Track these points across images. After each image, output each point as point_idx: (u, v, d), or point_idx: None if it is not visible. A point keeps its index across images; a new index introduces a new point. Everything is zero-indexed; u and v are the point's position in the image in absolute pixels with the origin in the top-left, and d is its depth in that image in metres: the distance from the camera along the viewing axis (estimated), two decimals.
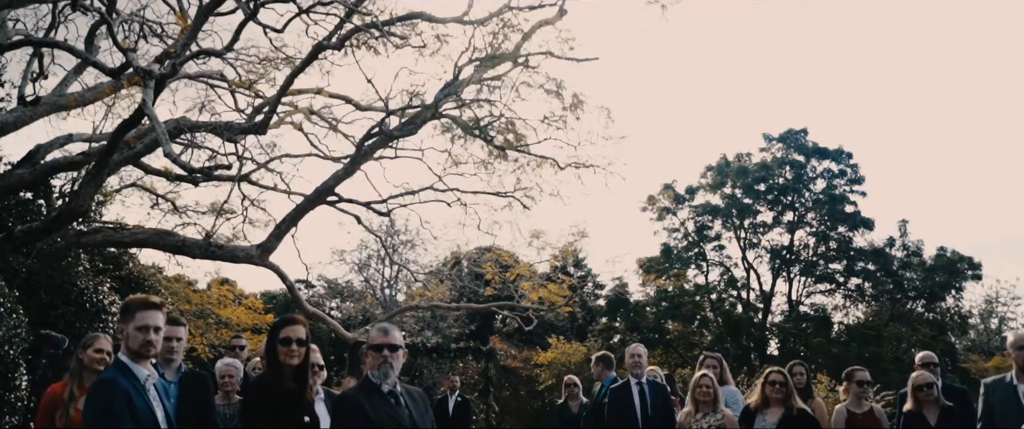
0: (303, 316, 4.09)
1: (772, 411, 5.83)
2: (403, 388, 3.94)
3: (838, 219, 30.73)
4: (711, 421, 5.93)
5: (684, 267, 31.92)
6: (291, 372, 3.82)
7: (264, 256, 12.03)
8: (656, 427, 6.77)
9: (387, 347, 3.83)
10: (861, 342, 27.72)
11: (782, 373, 5.92)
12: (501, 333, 29.51)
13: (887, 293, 30.97)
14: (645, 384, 6.97)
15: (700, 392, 6.05)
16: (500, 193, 12.78)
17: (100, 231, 12.11)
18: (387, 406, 3.77)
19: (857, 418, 6.29)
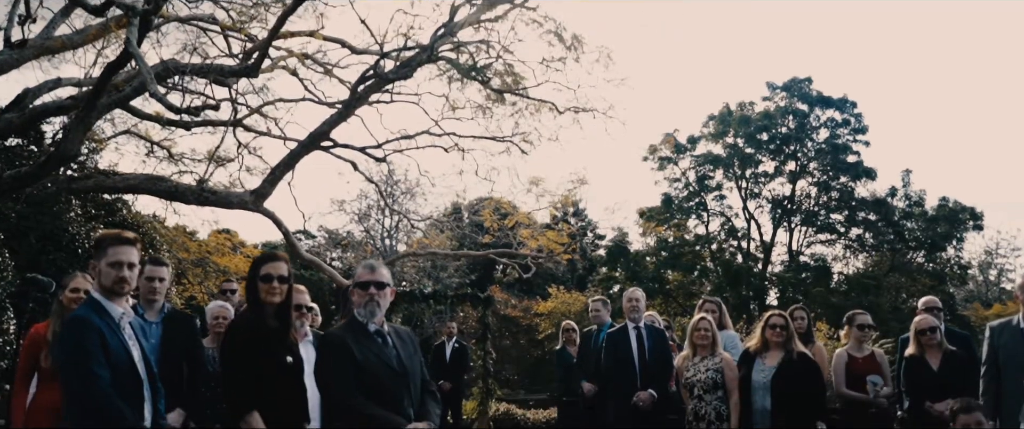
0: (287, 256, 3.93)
1: (772, 355, 5.71)
2: (391, 328, 3.80)
3: (840, 169, 30.45)
4: (709, 364, 5.82)
5: (685, 217, 31.77)
6: (273, 310, 3.67)
7: (258, 202, 11.88)
8: (654, 371, 6.68)
9: (373, 285, 3.67)
10: (860, 292, 27.70)
11: (783, 316, 5.79)
12: (501, 283, 29.53)
13: (888, 243, 30.88)
14: (643, 328, 6.86)
15: (698, 336, 5.93)
16: (498, 138, 12.56)
17: (91, 177, 11.94)
18: (374, 346, 3.63)
19: (857, 362, 6.20)
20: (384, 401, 3.52)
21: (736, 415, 5.62)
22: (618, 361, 6.74)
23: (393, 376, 3.60)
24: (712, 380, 5.73)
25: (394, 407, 3.54)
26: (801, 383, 5.50)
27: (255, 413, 3.43)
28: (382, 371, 3.57)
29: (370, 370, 3.54)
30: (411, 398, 3.64)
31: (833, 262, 32.02)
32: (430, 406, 3.72)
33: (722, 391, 5.74)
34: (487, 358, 11.82)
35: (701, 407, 5.73)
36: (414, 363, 3.76)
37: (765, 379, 5.60)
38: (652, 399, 6.51)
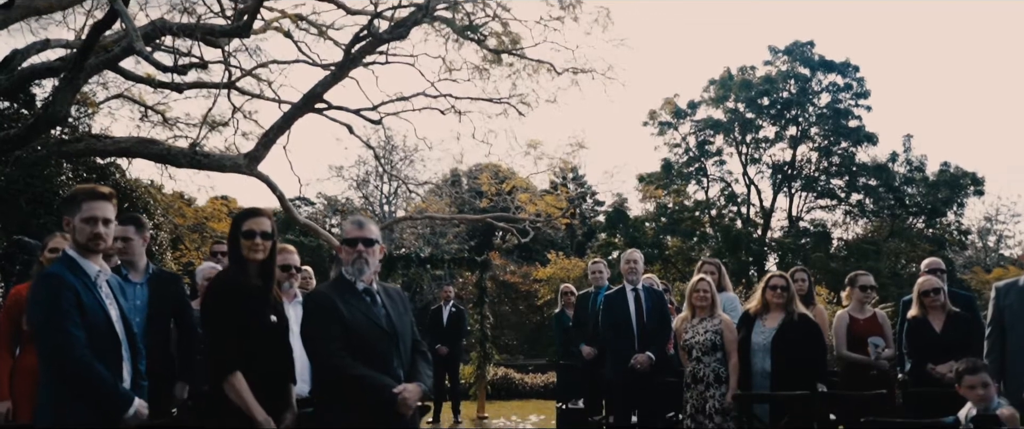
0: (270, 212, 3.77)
1: (772, 316, 5.61)
2: (380, 286, 3.67)
3: (842, 134, 30.22)
4: (708, 326, 5.71)
5: (684, 182, 31.62)
6: (256, 268, 3.53)
7: (252, 165, 11.73)
8: (652, 334, 6.58)
9: (362, 241, 3.53)
10: (860, 257, 27.63)
11: (784, 277, 5.67)
12: (500, 249, 29.48)
13: (888, 209, 30.77)
14: (641, 290, 6.74)
15: (697, 297, 5.81)
16: (495, 99, 12.35)
17: (82, 140, 11.77)
18: (362, 304, 3.50)
19: (859, 323, 6.09)
20: (372, 361, 3.40)
21: (735, 377, 5.52)
22: (616, 323, 6.64)
23: (382, 336, 3.48)
24: (711, 342, 5.62)
25: (383, 368, 3.42)
26: (802, 345, 5.40)
27: (238, 374, 3.31)
28: (370, 331, 3.45)
29: (358, 329, 3.42)
30: (401, 359, 3.52)
31: (833, 228, 31.97)
32: (421, 367, 3.61)
33: (721, 353, 5.63)
34: (484, 322, 11.74)
35: (699, 369, 5.63)
36: (404, 323, 3.63)
37: (765, 341, 5.51)
38: (650, 361, 6.41)
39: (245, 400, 3.31)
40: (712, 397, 5.52)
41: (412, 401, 3.38)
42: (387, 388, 3.35)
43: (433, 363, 10.55)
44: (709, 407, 5.51)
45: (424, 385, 3.52)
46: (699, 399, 5.59)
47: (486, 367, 11.86)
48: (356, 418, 3.34)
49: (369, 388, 3.34)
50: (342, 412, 3.36)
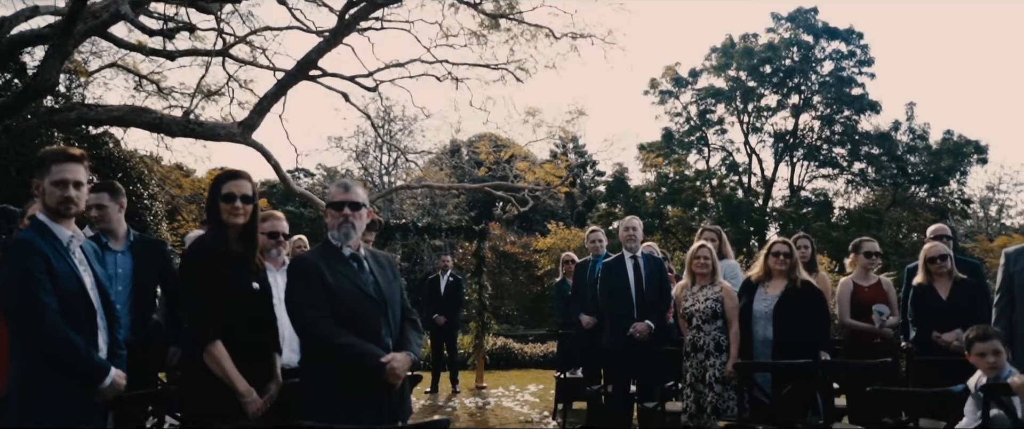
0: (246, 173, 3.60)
1: (774, 283, 5.46)
2: (368, 252, 3.53)
3: (844, 102, 29.94)
4: (708, 294, 5.57)
5: (685, 152, 31.41)
6: (236, 233, 3.38)
7: (246, 133, 11.54)
8: (651, 302, 6.45)
9: (348, 205, 3.38)
10: (862, 226, 27.49)
11: (787, 243, 5.51)
12: (501, 220, 29.36)
13: (891, 177, 30.59)
14: (640, 258, 6.60)
15: (697, 264, 5.66)
16: (492, 65, 12.11)
17: (73, 109, 11.56)
18: (349, 271, 3.36)
19: (863, 290, 5.95)
20: (359, 329, 3.27)
21: (736, 345, 5.39)
22: (614, 291, 6.51)
23: (369, 303, 3.34)
24: (711, 309, 5.48)
25: (370, 336, 3.29)
26: (804, 313, 5.26)
27: (217, 342, 3.18)
28: (357, 298, 3.31)
29: (344, 296, 3.28)
30: (389, 327, 3.38)
31: (834, 197, 31.83)
32: (411, 336, 3.47)
33: (721, 321, 5.50)
34: (482, 292, 11.63)
35: (699, 337, 5.50)
36: (393, 290, 3.50)
37: (767, 308, 5.37)
38: (649, 330, 6.30)
39: (225, 369, 3.18)
40: (712, 366, 5.40)
41: (400, 371, 3.26)
42: (374, 357, 3.22)
43: (431, 333, 10.48)
44: (709, 376, 5.38)
45: (413, 354, 3.38)
46: (699, 368, 5.46)
47: (484, 337, 11.77)
48: (342, 389, 3.22)
49: (355, 358, 3.20)
50: (327, 383, 3.23)
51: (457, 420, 8.32)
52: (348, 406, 3.22)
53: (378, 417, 3.26)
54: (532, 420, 8.29)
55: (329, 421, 3.19)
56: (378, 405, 3.29)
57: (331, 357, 3.22)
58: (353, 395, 3.23)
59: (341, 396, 3.22)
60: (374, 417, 3.25)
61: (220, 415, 3.21)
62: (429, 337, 11.42)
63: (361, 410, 3.23)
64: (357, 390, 3.23)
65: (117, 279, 4.41)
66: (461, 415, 8.70)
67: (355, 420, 3.20)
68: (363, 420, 3.21)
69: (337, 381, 3.22)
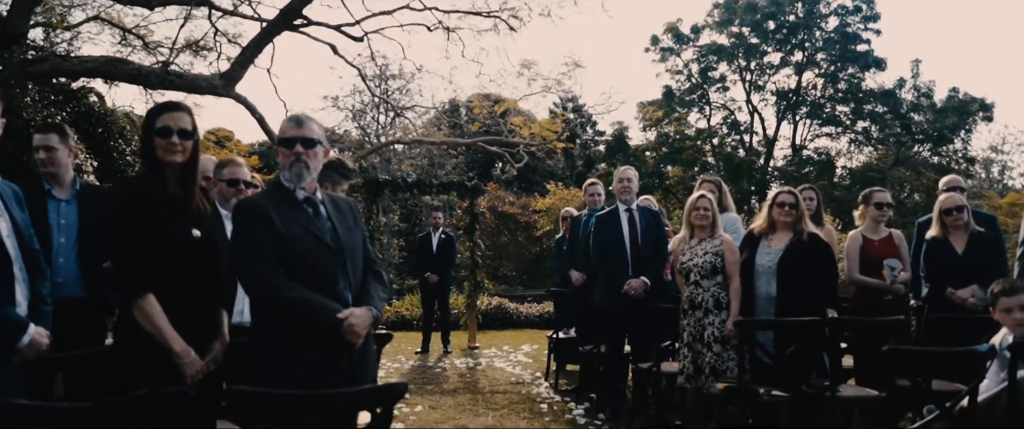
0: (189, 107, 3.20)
1: (779, 236, 5.08)
2: (326, 195, 3.14)
3: (849, 59, 29.33)
4: (708, 247, 5.19)
5: (686, 110, 30.89)
6: (174, 173, 2.99)
7: (229, 86, 11.08)
8: (647, 257, 6.08)
9: (300, 141, 2.98)
10: (864, 185, 27.05)
11: (793, 193, 5.12)
12: (500, 180, 29.00)
13: (894, 136, 30.12)
14: (635, 210, 6.22)
15: (696, 215, 5.26)
16: (484, 13, 11.58)
17: (48, 60, 11.08)
18: (302, 216, 2.97)
19: (873, 244, 5.57)
20: (314, 281, 2.89)
21: (737, 302, 5.02)
22: (608, 246, 6.13)
23: (325, 252, 2.95)
24: (711, 264, 5.11)
25: (326, 289, 2.91)
26: (810, 267, 4.88)
27: (149, 297, 2.81)
28: (311, 246, 2.92)
29: (296, 244, 2.89)
30: (349, 279, 3.00)
31: (837, 156, 31.40)
32: (374, 289, 3.10)
33: (721, 276, 5.12)
34: (475, 250, 11.27)
35: (698, 294, 5.13)
36: (354, 238, 3.11)
37: (770, 263, 4.99)
38: (644, 287, 5.94)
39: (157, 327, 2.81)
40: (711, 324, 5.03)
41: (360, 328, 2.88)
42: (330, 313, 2.85)
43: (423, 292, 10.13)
44: (707, 335, 5.02)
45: (376, 309, 3.01)
46: (697, 326, 5.10)
47: (476, 296, 11.44)
48: (295, 348, 2.85)
49: (309, 313, 2.83)
50: (277, 342, 2.86)
51: (446, 381, 8.02)
52: (301, 368, 2.85)
53: (336, 380, 2.90)
54: (523, 381, 7.98)
55: (280, 384, 2.85)
56: (336, 367, 2.92)
57: (281, 313, 2.85)
58: (307, 355, 2.87)
59: (294, 357, 2.86)
60: (332, 380, 2.89)
61: (154, 379, 2.84)
62: (421, 296, 11.11)
63: (316, 372, 2.87)
64: (312, 350, 2.87)
65: (60, 230, 4.04)
66: (450, 375, 8.40)
67: (310, 383, 2.84)
68: (319, 383, 2.85)
69: (289, 340, 2.86)
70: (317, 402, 2.31)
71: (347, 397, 2.33)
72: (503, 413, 6.38)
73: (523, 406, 6.66)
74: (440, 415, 6.32)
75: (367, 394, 2.35)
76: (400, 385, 2.39)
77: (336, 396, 2.31)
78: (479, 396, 7.13)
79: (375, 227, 10.90)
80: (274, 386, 2.86)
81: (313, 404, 2.32)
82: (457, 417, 6.23)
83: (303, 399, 2.30)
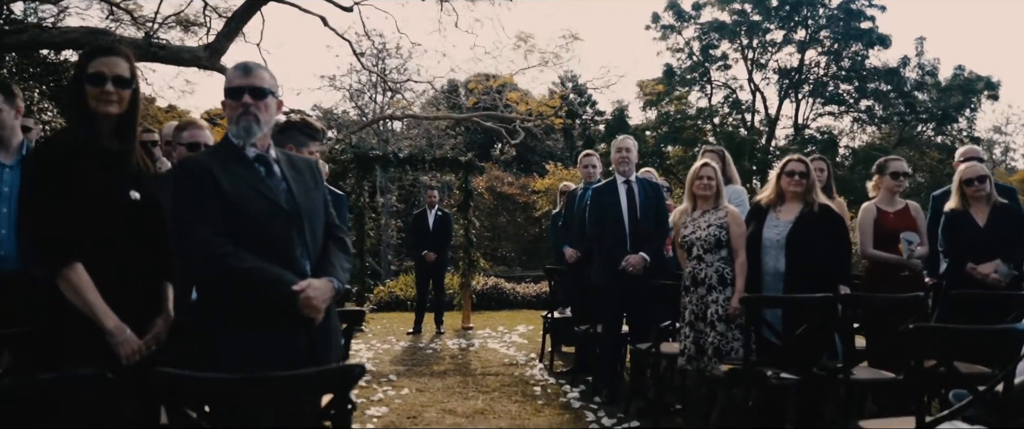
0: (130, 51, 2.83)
1: (788, 208, 4.72)
2: (282, 154, 2.78)
3: (853, 36, 28.79)
4: (711, 219, 4.82)
5: (687, 88, 30.42)
6: (109, 126, 2.63)
7: (214, 58, 10.70)
8: (647, 232, 5.73)
9: (248, 91, 2.61)
10: (867, 165, 26.70)
11: (803, 161, 4.76)
12: (499, 161, 28.62)
13: (898, 115, 29.66)
14: (634, 182, 5.86)
15: (700, 185, 4.89)
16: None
17: (26, 31, 10.68)
18: (251, 175, 2.61)
19: (888, 218, 5.21)
20: (265, 249, 2.54)
21: (742, 278, 4.66)
22: (604, 220, 5.78)
23: (279, 216, 2.59)
24: (714, 237, 4.74)
25: (280, 257, 2.56)
26: (822, 240, 4.53)
27: (76, 266, 2.46)
28: (262, 209, 2.57)
29: (245, 207, 2.53)
30: (306, 246, 2.65)
31: (840, 136, 30.96)
32: (335, 258, 2.74)
33: (726, 250, 4.76)
34: (469, 228, 10.91)
35: (700, 269, 4.77)
36: (313, 201, 2.75)
37: (779, 236, 4.64)
38: (643, 263, 5.60)
39: (87, 300, 2.47)
40: (714, 301, 4.67)
41: (319, 301, 2.53)
42: (284, 284, 2.50)
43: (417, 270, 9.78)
44: (711, 313, 4.67)
45: (337, 281, 2.66)
46: (699, 304, 4.75)
47: (470, 275, 11.10)
48: (243, 325, 2.50)
49: (257, 284, 2.48)
50: (221, 318, 2.52)
51: (437, 362, 7.69)
52: (251, 347, 2.51)
53: (292, 361, 2.56)
54: (517, 363, 7.65)
55: (228, 366, 2.50)
56: (292, 346, 2.58)
57: (227, 284, 2.50)
58: (258, 333, 2.52)
59: (241, 335, 2.51)
60: (286, 361, 2.55)
61: (88, 359, 2.50)
62: (415, 275, 10.79)
63: (268, 352, 2.52)
64: (263, 327, 2.53)
65: (2, 198, 3.68)
66: (442, 357, 8.07)
67: (261, 364, 2.50)
68: (272, 364, 2.50)
69: (236, 315, 2.51)
70: (251, 386, 1.96)
71: (288, 381, 1.97)
72: (494, 396, 6.05)
73: (515, 389, 6.33)
74: (427, 398, 5.99)
75: (313, 378, 2.00)
76: (354, 368, 2.04)
77: (274, 380, 1.96)
78: (470, 378, 6.80)
79: (366, 205, 10.53)
80: (218, 368, 2.52)
81: (247, 389, 1.97)
82: (445, 400, 5.90)
83: (235, 383, 1.96)
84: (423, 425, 5.18)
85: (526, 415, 5.44)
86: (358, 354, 8.19)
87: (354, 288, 10.50)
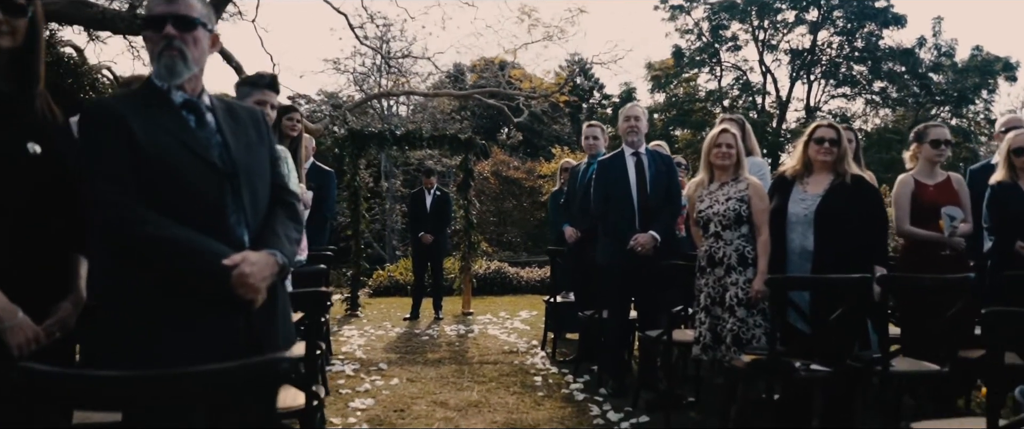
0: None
1: (817, 179, 4.20)
2: (219, 101, 2.29)
3: (867, 16, 28.11)
4: (731, 192, 4.31)
5: (697, 70, 29.80)
6: (1, 64, 2.15)
7: None
8: (657, 208, 5.22)
9: (172, 20, 2.11)
10: (881, 148, 26.14)
11: (834, 127, 4.24)
12: (505, 145, 28.12)
13: (913, 97, 29.00)
14: (643, 154, 5.35)
15: (718, 153, 4.36)
16: None
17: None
18: (175, 124, 2.12)
19: (928, 190, 4.68)
20: (191, 213, 2.06)
21: (765, 258, 4.14)
22: (611, 195, 5.28)
23: (208, 173, 2.11)
24: (734, 212, 4.23)
25: (210, 225, 2.08)
26: (856, 215, 4.02)
27: None
28: (187, 163, 2.08)
29: (165, 161, 2.05)
30: (244, 212, 2.16)
31: (853, 118, 30.32)
32: (281, 227, 2.25)
33: (747, 227, 4.25)
34: (470, 209, 10.42)
35: (718, 248, 4.26)
36: (256, 158, 2.26)
37: (807, 210, 4.13)
38: (653, 243, 5.10)
39: None
40: (734, 284, 4.17)
41: (256, 278, 2.05)
42: (212, 257, 2.02)
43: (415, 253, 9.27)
44: (730, 297, 4.16)
45: (282, 255, 2.17)
46: (717, 287, 4.24)
47: (470, 259, 10.61)
48: (160, 308, 2.02)
49: (178, 256, 2.00)
50: (135, 300, 2.04)
51: (432, 350, 7.23)
52: (172, 337, 2.03)
53: (225, 351, 2.07)
54: (517, 350, 7.17)
55: (137, 360, 2.03)
56: (225, 335, 2.10)
57: (143, 258, 2.02)
58: (180, 319, 2.04)
59: (160, 322, 2.03)
60: (218, 353, 2.06)
61: None
62: (412, 258, 10.32)
63: (193, 343, 2.04)
64: (188, 311, 2.05)
65: None
66: (438, 344, 7.60)
67: (183, 356, 2.02)
68: (197, 358, 2.02)
69: (152, 298, 2.03)
70: (136, 386, 1.47)
71: (185, 379, 1.48)
72: (491, 387, 5.58)
73: (514, 379, 5.86)
74: (418, 389, 5.52)
75: (218, 376, 1.50)
76: (276, 361, 1.55)
77: (166, 378, 1.47)
78: (466, 367, 6.32)
79: (360, 185, 10.04)
80: (126, 363, 2.05)
81: (132, 388, 1.48)
82: (437, 391, 5.43)
83: (114, 382, 1.47)
84: (411, 419, 4.70)
85: (525, 408, 4.96)
86: (350, 341, 7.73)
87: (348, 272, 10.04)
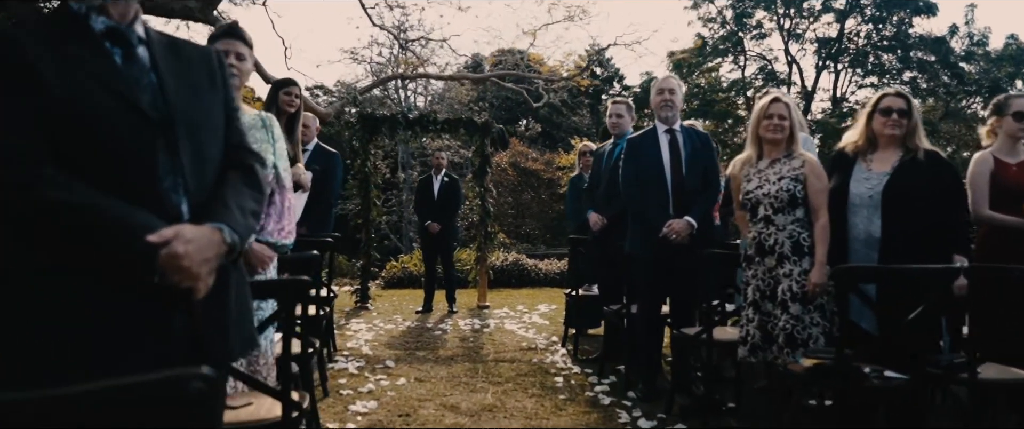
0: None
1: (883, 155, 3.64)
2: (157, 35, 1.78)
3: (896, 4, 27.22)
4: (783, 170, 3.74)
5: (720, 59, 29.10)
6: None
7: (206, 11, 9.75)
8: (693, 191, 4.68)
9: None
10: None
11: (903, 97, 3.67)
12: (523, 136, 27.64)
13: (944, 87, 28.12)
14: (679, 132, 4.81)
15: (768, 126, 3.79)
16: None
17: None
18: (96, 60, 1.62)
19: (1010, 170, 4.08)
20: (112, 174, 1.57)
21: (824, 246, 3.57)
22: (642, 177, 4.73)
23: (135, 123, 1.61)
24: (788, 193, 3.66)
25: (135, 189, 1.59)
26: (932, 196, 3.46)
27: None
28: (110, 111, 1.58)
29: (79, 106, 1.56)
30: (182, 174, 1.66)
31: None
32: (232, 194, 1.76)
33: (802, 210, 3.69)
34: (486, 196, 9.89)
35: (769, 235, 3.70)
36: (202, 107, 1.77)
37: (871, 191, 3.57)
38: (690, 229, 4.55)
39: None
40: (788, 276, 3.60)
41: (192, 261, 1.55)
42: (134, 232, 1.52)
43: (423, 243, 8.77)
44: (782, 291, 3.60)
45: (232, 229, 1.67)
46: (767, 279, 3.68)
47: (487, 249, 10.10)
48: (70, 297, 1.53)
49: (94, 231, 1.51)
50: (38, 284, 1.53)
51: (444, 346, 6.73)
52: (78, 334, 1.53)
53: (159, 356, 1.58)
54: (536, 348, 6.65)
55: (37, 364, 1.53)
56: (153, 334, 1.60)
57: (48, 230, 1.52)
58: (92, 312, 1.54)
59: (65, 313, 1.53)
60: (149, 357, 1.57)
61: None
62: (421, 248, 9.83)
63: (108, 343, 1.55)
64: (102, 301, 1.55)
65: None
66: (450, 340, 7.10)
67: (99, 362, 1.53)
68: (120, 362, 1.53)
69: (55, 281, 1.53)
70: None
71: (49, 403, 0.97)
72: (506, 388, 5.06)
73: (532, 379, 5.34)
74: (426, 390, 5.02)
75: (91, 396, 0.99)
76: (188, 376, 1.03)
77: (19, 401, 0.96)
78: (480, 366, 5.81)
79: (371, 171, 9.54)
80: (22, 367, 1.55)
81: None
82: (447, 393, 4.92)
83: None
84: (416, 426, 4.20)
85: (544, 413, 4.44)
86: (356, 335, 7.25)
87: (358, 263, 9.55)
